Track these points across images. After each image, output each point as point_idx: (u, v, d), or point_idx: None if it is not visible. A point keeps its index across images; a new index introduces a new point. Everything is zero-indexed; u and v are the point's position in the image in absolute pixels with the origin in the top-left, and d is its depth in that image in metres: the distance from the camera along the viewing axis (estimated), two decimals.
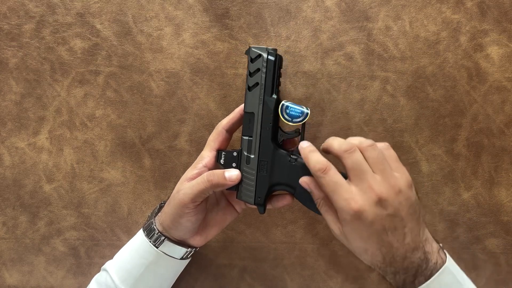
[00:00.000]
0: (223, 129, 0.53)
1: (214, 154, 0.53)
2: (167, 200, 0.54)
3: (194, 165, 0.53)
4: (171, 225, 0.52)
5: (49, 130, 0.62)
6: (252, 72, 0.50)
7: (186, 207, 0.51)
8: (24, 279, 0.63)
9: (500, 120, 0.61)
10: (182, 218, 0.51)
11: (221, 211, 0.56)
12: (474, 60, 0.60)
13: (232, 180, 0.50)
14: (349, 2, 0.60)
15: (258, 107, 0.51)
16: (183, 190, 0.51)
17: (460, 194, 0.61)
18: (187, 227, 0.53)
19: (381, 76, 0.61)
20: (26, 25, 0.61)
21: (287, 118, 0.50)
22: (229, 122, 0.53)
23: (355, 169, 0.44)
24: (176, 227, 0.52)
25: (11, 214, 0.63)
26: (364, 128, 0.61)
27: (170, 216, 0.52)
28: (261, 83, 0.50)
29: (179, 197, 0.51)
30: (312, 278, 0.62)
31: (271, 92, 0.50)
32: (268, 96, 0.50)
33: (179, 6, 0.61)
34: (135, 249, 0.55)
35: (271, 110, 0.50)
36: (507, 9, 0.60)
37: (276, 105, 0.50)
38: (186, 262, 0.58)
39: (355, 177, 0.44)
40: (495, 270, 0.62)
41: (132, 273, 0.54)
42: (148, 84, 0.62)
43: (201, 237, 0.55)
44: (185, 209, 0.51)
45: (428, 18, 0.60)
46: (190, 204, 0.50)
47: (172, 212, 0.52)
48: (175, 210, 0.51)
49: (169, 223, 0.52)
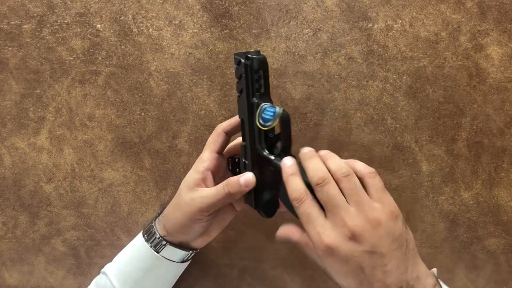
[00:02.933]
0: (223, 131, 0.53)
1: (215, 156, 0.53)
2: (171, 204, 0.53)
3: (195, 168, 0.52)
4: (180, 230, 0.52)
5: (49, 130, 0.62)
6: (238, 78, 0.49)
7: (201, 215, 0.50)
8: (24, 279, 0.63)
9: (500, 120, 0.61)
10: (195, 224, 0.51)
11: (222, 211, 0.55)
12: (474, 60, 0.60)
13: (249, 185, 0.49)
14: (349, 2, 0.60)
15: (246, 112, 0.49)
16: (199, 199, 0.50)
17: (460, 194, 0.61)
18: (197, 232, 0.53)
19: (381, 76, 0.61)
20: (26, 25, 0.61)
21: (261, 123, 0.47)
22: (229, 125, 0.53)
23: (327, 203, 0.42)
24: (185, 232, 0.52)
25: (11, 214, 0.63)
26: (364, 128, 0.61)
27: (180, 222, 0.51)
28: (246, 87, 0.49)
29: (194, 205, 0.50)
30: (312, 278, 0.62)
31: (252, 96, 0.48)
32: (250, 101, 0.49)
33: (179, 6, 0.61)
34: (135, 253, 0.55)
35: (252, 114, 0.48)
36: (507, 9, 0.60)
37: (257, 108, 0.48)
38: (186, 264, 0.58)
39: (329, 211, 0.42)
40: (495, 270, 0.61)
41: (131, 277, 0.54)
42: (148, 84, 0.62)
43: (202, 239, 0.55)
44: (199, 216, 0.50)
45: (428, 18, 0.60)
46: (205, 213, 0.50)
47: (183, 219, 0.51)
48: (189, 217, 0.51)
49: (177, 228, 0.52)
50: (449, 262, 0.61)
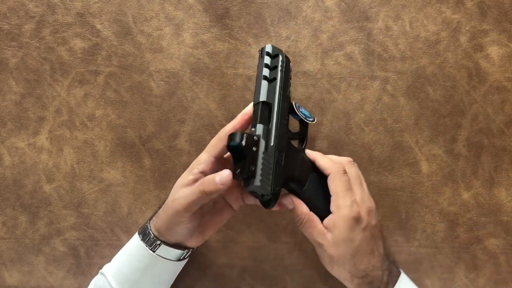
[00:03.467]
0: (227, 136, 0.50)
1: (212, 160, 0.51)
2: (163, 205, 0.53)
3: (190, 169, 0.51)
4: (167, 231, 0.52)
5: (49, 130, 0.62)
6: (271, 67, 0.52)
7: (181, 216, 0.50)
8: (24, 279, 0.63)
9: (500, 120, 0.61)
10: (177, 226, 0.51)
11: (218, 211, 0.54)
12: (474, 60, 0.60)
13: (224, 183, 0.46)
14: (349, 2, 0.60)
15: (277, 99, 0.51)
16: (178, 200, 0.49)
17: (460, 194, 0.61)
18: (183, 233, 0.52)
19: (381, 76, 0.61)
20: (26, 25, 0.61)
21: (302, 115, 0.53)
22: (234, 128, 0.51)
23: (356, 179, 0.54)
24: (172, 233, 0.52)
25: (11, 214, 0.63)
26: (364, 128, 0.61)
27: (165, 223, 0.51)
28: (280, 78, 0.51)
29: (174, 206, 0.49)
30: (312, 278, 0.62)
31: (287, 89, 0.52)
32: (285, 92, 0.52)
33: (179, 6, 0.61)
34: (131, 253, 0.55)
35: (287, 105, 0.52)
36: (507, 9, 0.60)
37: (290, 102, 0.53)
38: (184, 262, 0.58)
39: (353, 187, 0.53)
40: (495, 270, 0.61)
41: (129, 277, 0.54)
42: (148, 84, 0.62)
43: (197, 239, 0.54)
44: (180, 218, 0.50)
45: (428, 18, 0.60)
46: (186, 214, 0.49)
47: (167, 220, 0.51)
48: (171, 218, 0.50)
49: (164, 229, 0.52)
50: (449, 262, 0.61)
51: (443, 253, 0.61)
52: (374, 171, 0.61)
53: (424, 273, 0.61)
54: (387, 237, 0.61)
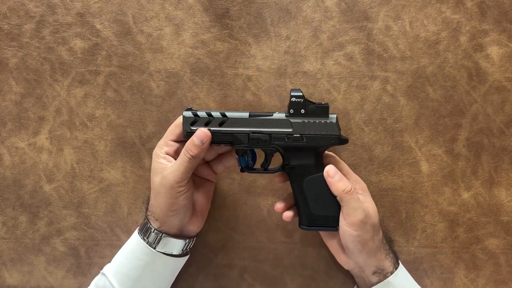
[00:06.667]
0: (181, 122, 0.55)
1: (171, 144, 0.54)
2: (151, 197, 0.54)
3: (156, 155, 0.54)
4: (169, 213, 0.53)
5: (49, 130, 0.62)
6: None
7: (178, 188, 0.52)
8: (24, 279, 0.63)
9: (500, 120, 0.61)
10: (178, 198, 0.52)
11: (201, 183, 0.57)
12: (474, 60, 0.60)
13: (204, 140, 0.51)
14: (349, 2, 0.60)
15: None
16: (169, 176, 0.52)
17: (460, 194, 0.61)
18: (185, 206, 0.53)
19: (381, 76, 0.61)
20: (26, 25, 0.61)
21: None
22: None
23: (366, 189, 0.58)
24: (175, 212, 0.53)
25: (11, 214, 0.63)
26: (364, 128, 0.61)
27: (165, 205, 0.52)
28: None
29: (166, 183, 0.52)
30: (312, 278, 0.62)
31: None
32: None
33: (179, 6, 0.61)
34: (131, 251, 0.55)
35: None
36: (507, 9, 0.60)
37: None
38: (184, 260, 0.58)
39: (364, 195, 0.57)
40: (495, 270, 0.61)
41: (129, 276, 0.54)
42: (148, 84, 0.62)
43: (197, 218, 0.56)
44: (177, 190, 0.52)
45: (428, 18, 0.60)
46: (182, 183, 0.52)
47: (165, 201, 0.52)
48: (169, 195, 0.52)
49: (165, 213, 0.53)
50: (449, 262, 0.61)
51: (443, 253, 0.61)
52: (374, 171, 0.61)
53: (424, 273, 0.61)
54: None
